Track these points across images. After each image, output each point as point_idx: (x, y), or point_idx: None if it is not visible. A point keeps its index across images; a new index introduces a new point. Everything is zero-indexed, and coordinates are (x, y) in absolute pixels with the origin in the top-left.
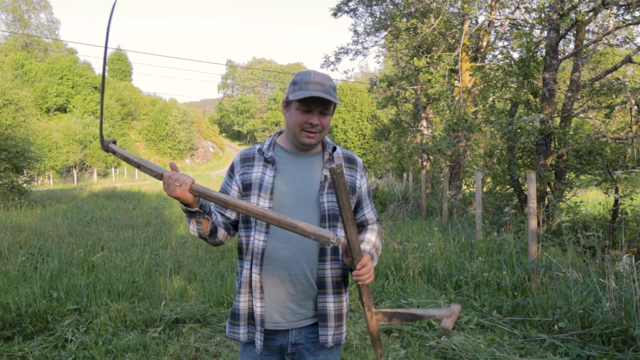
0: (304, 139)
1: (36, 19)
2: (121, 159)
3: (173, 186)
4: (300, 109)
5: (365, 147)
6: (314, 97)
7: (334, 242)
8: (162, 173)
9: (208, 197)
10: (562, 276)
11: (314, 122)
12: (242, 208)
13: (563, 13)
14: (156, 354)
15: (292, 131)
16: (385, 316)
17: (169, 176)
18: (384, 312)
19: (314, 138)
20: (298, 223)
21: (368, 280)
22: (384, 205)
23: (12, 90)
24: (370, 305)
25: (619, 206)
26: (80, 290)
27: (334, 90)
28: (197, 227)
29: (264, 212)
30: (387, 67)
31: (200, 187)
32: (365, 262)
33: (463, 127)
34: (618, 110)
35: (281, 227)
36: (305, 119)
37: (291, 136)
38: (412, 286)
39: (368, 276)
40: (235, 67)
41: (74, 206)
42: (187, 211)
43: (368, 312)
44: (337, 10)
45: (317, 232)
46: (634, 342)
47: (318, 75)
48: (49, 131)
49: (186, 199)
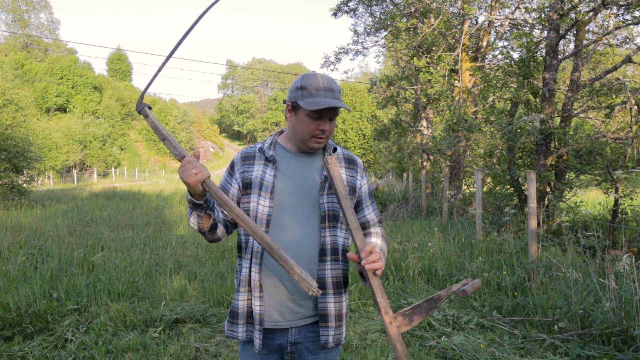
0: (313, 145)
1: (36, 19)
2: (150, 125)
3: (189, 172)
4: (312, 116)
5: (365, 147)
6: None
7: (314, 291)
8: (184, 156)
9: (216, 197)
10: (562, 276)
11: (325, 129)
12: (243, 221)
13: (563, 13)
14: (156, 354)
15: (299, 136)
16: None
17: (188, 161)
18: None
19: (322, 143)
20: (289, 259)
21: (379, 265)
22: (384, 205)
23: (12, 90)
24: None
25: (619, 206)
26: (80, 290)
27: (340, 93)
28: (197, 220)
29: (262, 236)
30: (387, 67)
31: (213, 184)
32: (369, 249)
33: (463, 127)
34: (618, 110)
35: (272, 257)
36: (316, 126)
37: (297, 140)
38: (412, 286)
39: (379, 261)
40: (235, 67)
41: (74, 206)
42: (192, 202)
43: (386, 317)
44: (337, 10)
45: (302, 275)
46: (634, 342)
47: (325, 80)
48: (49, 131)
49: (196, 189)
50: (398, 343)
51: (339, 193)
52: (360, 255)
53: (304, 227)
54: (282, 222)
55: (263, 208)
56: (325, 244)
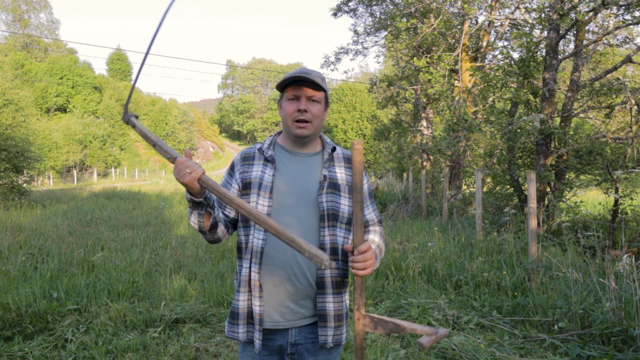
0: (296, 131)
1: (36, 19)
2: (139, 134)
3: (184, 172)
4: (288, 98)
5: (365, 147)
6: (296, 79)
7: (326, 264)
8: (176, 157)
9: (214, 191)
10: (562, 276)
11: (301, 108)
12: (244, 209)
13: (563, 13)
14: (156, 354)
15: (286, 126)
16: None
17: (181, 162)
18: (371, 317)
19: (305, 128)
20: (296, 238)
21: (362, 272)
22: (384, 205)
23: (12, 90)
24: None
25: (619, 206)
26: (80, 290)
27: (321, 80)
28: (197, 219)
29: (265, 220)
30: (387, 67)
31: (209, 179)
32: (364, 249)
33: (463, 127)
34: (618, 110)
35: (279, 238)
36: (294, 107)
37: (287, 132)
38: (412, 286)
39: (363, 266)
40: (235, 67)
41: (74, 206)
42: (192, 200)
43: (357, 313)
44: (337, 10)
45: (312, 251)
46: (634, 342)
47: (304, 68)
48: (49, 131)
49: (193, 187)
50: (358, 337)
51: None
52: (354, 252)
53: (303, 227)
54: (281, 222)
55: (262, 208)
56: (325, 243)
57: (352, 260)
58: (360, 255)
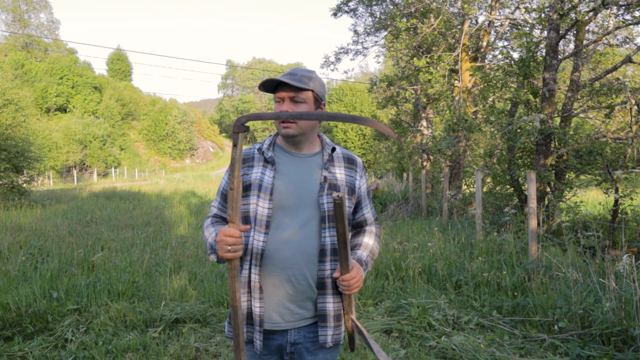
0: (281, 130)
1: (36, 19)
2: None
3: (225, 248)
4: (275, 100)
5: (365, 147)
6: (270, 82)
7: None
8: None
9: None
10: (562, 276)
11: (282, 109)
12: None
13: (563, 13)
14: (156, 354)
15: (276, 127)
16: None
17: (231, 235)
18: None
19: (290, 128)
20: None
21: (348, 292)
22: (384, 205)
23: (12, 90)
24: (350, 311)
25: (619, 206)
26: (80, 290)
27: (307, 79)
28: (217, 259)
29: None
30: (387, 67)
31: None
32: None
33: (463, 127)
34: (618, 110)
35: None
36: (278, 109)
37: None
38: (412, 286)
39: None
40: (235, 67)
41: (74, 206)
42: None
43: (345, 315)
44: (337, 10)
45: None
46: (634, 342)
47: (294, 68)
48: (49, 131)
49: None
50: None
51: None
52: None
53: (304, 228)
54: (281, 223)
55: (262, 209)
56: (325, 244)
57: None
58: (345, 282)
